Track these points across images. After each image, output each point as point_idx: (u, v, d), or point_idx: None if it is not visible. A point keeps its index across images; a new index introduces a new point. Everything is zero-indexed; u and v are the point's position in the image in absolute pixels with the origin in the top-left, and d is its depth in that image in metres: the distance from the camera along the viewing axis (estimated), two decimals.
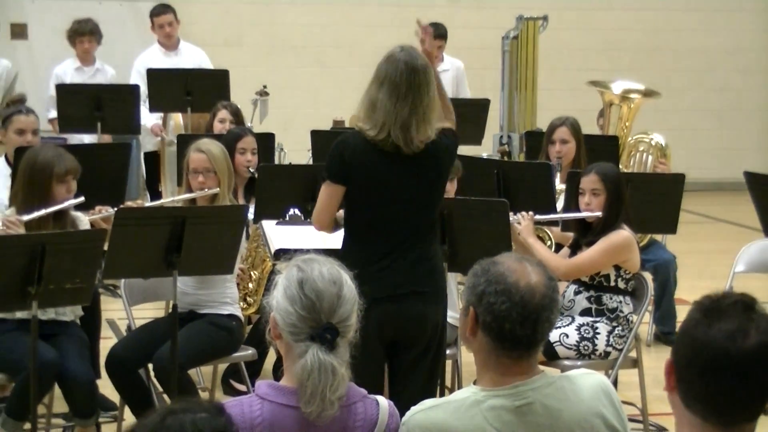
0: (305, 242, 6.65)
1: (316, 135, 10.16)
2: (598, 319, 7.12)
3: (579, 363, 6.93)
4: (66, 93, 11.43)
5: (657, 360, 7.80)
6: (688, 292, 9.70)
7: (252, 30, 16.20)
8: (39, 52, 15.10)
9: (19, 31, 15.68)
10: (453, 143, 5.99)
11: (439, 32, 12.94)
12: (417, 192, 5.75)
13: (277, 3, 16.39)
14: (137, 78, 12.17)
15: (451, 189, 7.65)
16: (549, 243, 7.78)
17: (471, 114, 11.31)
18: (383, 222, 5.73)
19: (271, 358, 7.89)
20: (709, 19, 17.51)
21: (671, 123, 12.56)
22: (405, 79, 5.66)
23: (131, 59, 12.82)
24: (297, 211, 7.45)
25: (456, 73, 13.19)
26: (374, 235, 5.74)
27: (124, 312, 7.39)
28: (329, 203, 5.80)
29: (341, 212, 5.88)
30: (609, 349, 7.08)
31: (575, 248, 7.28)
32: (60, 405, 7.06)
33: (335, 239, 6.04)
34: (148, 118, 11.85)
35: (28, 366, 6.27)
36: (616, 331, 7.10)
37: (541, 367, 3.76)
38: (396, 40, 6.12)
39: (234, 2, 16.23)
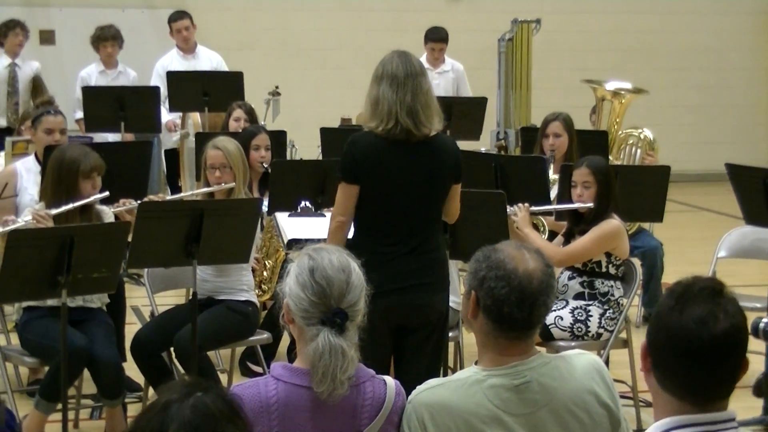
0: (316, 233, 6.65)
1: (324, 132, 10.17)
2: (590, 302, 7.12)
3: (573, 344, 6.93)
4: (91, 95, 11.44)
5: None
6: (674, 276, 9.63)
7: (264, 35, 16.19)
8: (66, 57, 15.09)
9: (47, 37, 15.67)
10: (455, 144, 5.99)
11: (440, 36, 12.97)
12: (424, 181, 5.74)
13: (287, 10, 16.38)
14: (157, 80, 12.18)
15: None
16: (543, 230, 7.78)
17: (470, 111, 11.32)
18: (391, 214, 5.72)
19: (285, 341, 7.89)
20: (691, 22, 17.49)
21: (656, 119, 12.54)
22: (402, 69, 5.67)
23: (152, 62, 12.81)
24: (308, 204, 7.46)
25: (456, 74, 13.17)
26: (382, 226, 5.74)
27: (148, 299, 7.40)
28: (346, 202, 5.79)
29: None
30: (601, 330, 7.08)
31: (569, 236, 7.28)
32: (89, 386, 7.06)
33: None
34: (168, 118, 11.86)
35: (59, 351, 6.27)
36: (607, 314, 7.10)
37: (538, 348, 3.76)
38: (397, 43, 6.13)
39: (248, 9, 16.21)
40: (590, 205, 7.14)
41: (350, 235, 5.87)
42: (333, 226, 5.84)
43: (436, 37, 12.97)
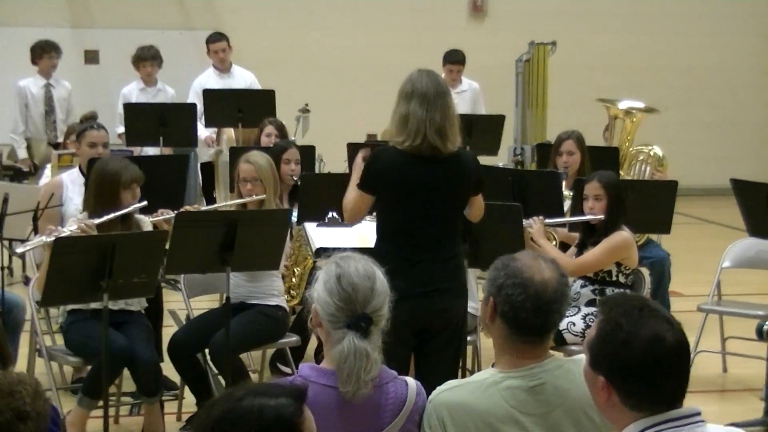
0: (343, 242, 6.67)
1: (351, 147, 10.16)
2: None
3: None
4: (132, 111, 11.48)
5: None
6: (681, 285, 9.70)
7: (295, 55, 16.22)
8: (109, 75, 15.15)
9: (91, 57, 15.75)
10: (476, 159, 6.00)
11: (457, 58, 13.00)
12: (444, 194, 5.74)
13: (316, 31, 16.41)
14: (194, 97, 12.22)
15: None
16: (555, 243, 7.78)
17: (488, 128, 11.31)
18: (413, 224, 5.73)
19: (312, 344, 7.90)
20: (701, 43, 17.44)
21: (667, 136, 12.50)
22: (431, 88, 5.68)
23: (189, 81, 12.86)
24: (335, 215, 7.46)
25: (473, 94, 13.20)
26: (404, 236, 5.74)
27: (184, 303, 7.43)
28: (359, 207, 5.85)
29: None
30: None
31: (581, 247, 7.28)
32: (128, 385, 7.09)
33: (370, 239, 6.06)
34: (204, 133, 11.90)
35: (101, 351, 6.30)
36: None
37: (552, 352, 3.76)
38: (419, 61, 6.14)
39: (279, 30, 16.25)
40: (601, 217, 7.14)
41: (373, 243, 5.89)
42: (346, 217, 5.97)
43: (454, 59, 13.01)
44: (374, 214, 6.02)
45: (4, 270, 7.44)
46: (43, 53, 12.70)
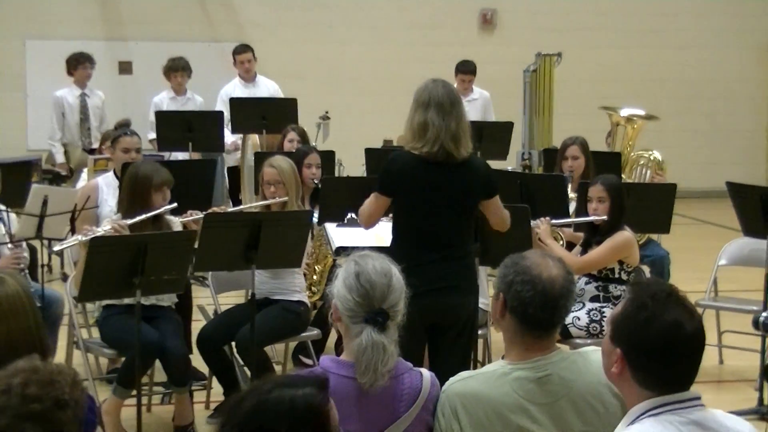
0: (361, 241, 6.65)
1: (369, 152, 10.17)
2: (604, 304, 7.10)
3: (589, 341, 6.91)
4: (163, 118, 11.50)
5: None
6: (680, 282, 9.61)
7: (316, 66, 16.24)
8: (141, 85, 15.19)
9: (125, 68, 15.79)
10: (486, 165, 6.00)
11: (469, 68, 13.02)
12: (456, 197, 5.74)
13: (335, 43, 16.42)
14: (221, 105, 12.23)
15: None
16: (561, 242, 7.77)
17: (498, 134, 11.31)
18: (426, 226, 5.72)
19: (332, 337, 7.90)
20: (698, 56, 17.43)
21: (666, 142, 12.49)
22: (447, 98, 5.68)
23: (216, 90, 12.88)
24: (354, 216, 7.46)
25: (483, 102, 13.22)
26: (418, 236, 5.73)
27: (211, 299, 7.44)
28: (376, 210, 5.84)
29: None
30: None
31: (586, 246, 7.27)
32: (160, 375, 7.09)
33: (386, 239, 6.05)
34: (230, 139, 11.91)
35: (134, 344, 6.31)
36: None
37: (558, 345, 3.76)
38: (432, 73, 6.13)
39: (301, 43, 16.27)
40: (604, 218, 7.13)
41: (389, 243, 5.88)
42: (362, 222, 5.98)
43: (466, 69, 13.04)
44: (390, 215, 6.01)
45: (43, 267, 7.45)
46: (78, 64, 12.74)
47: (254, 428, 2.56)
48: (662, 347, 2.95)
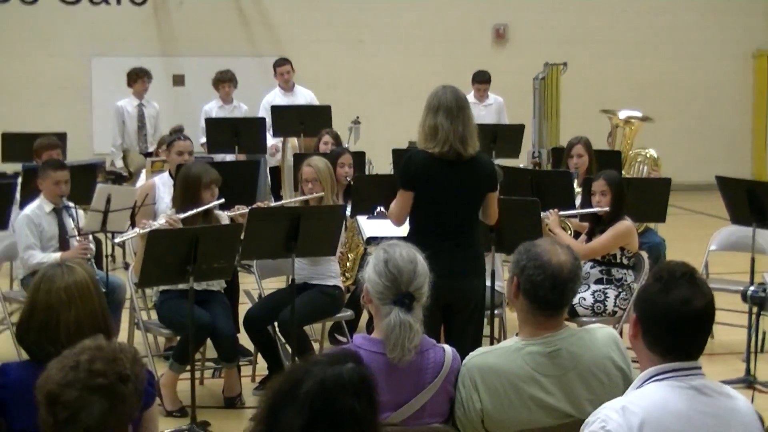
0: (389, 232, 6.64)
1: (395, 152, 10.16)
2: (607, 286, 7.07)
3: (594, 319, 6.88)
4: (212, 124, 11.53)
5: None
6: None
7: (348, 76, 16.23)
8: (193, 95, 15.20)
9: (178, 80, 15.81)
10: (491, 161, 5.98)
11: (483, 78, 13.05)
12: (465, 192, 5.71)
13: (365, 56, 16.41)
14: (263, 112, 12.24)
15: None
16: (569, 232, 7.74)
17: (511, 135, 11.30)
18: (439, 217, 5.69)
19: (364, 317, 7.89)
20: (689, 64, 17.33)
21: (661, 141, 12.40)
22: (454, 103, 5.65)
23: (259, 98, 12.88)
24: (382, 209, 7.44)
25: (497, 107, 13.21)
26: (433, 226, 5.69)
27: (256, 284, 7.44)
28: (403, 205, 5.78)
29: None
30: (616, 309, 7.02)
31: (590, 235, 7.24)
32: (211, 352, 7.10)
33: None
34: (272, 142, 11.92)
35: (188, 324, 6.32)
36: (621, 296, 7.05)
37: (566, 323, 3.74)
38: (452, 81, 6.10)
39: (334, 56, 16.26)
40: (607, 209, 7.10)
41: (406, 234, 5.85)
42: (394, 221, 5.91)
43: (481, 79, 13.06)
44: None
45: (107, 257, 7.49)
46: (137, 78, 12.79)
47: (323, 404, 2.53)
48: (668, 317, 2.95)
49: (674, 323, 2.94)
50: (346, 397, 2.54)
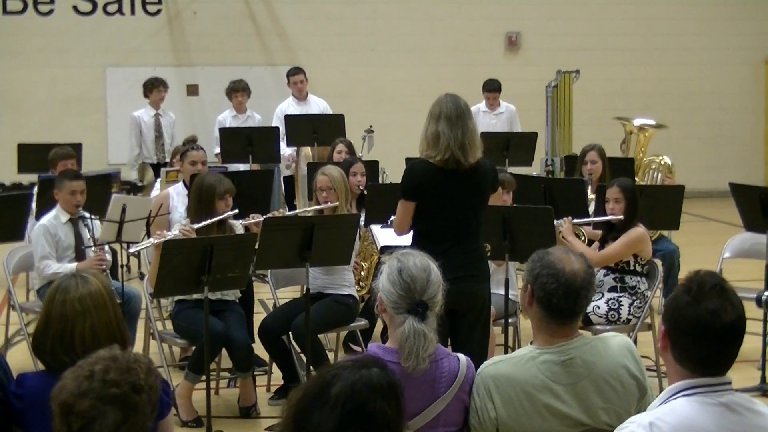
0: (403, 241, 6.63)
1: (408, 161, 10.13)
2: (621, 294, 7.04)
3: (608, 327, 6.86)
4: (226, 134, 11.54)
5: None
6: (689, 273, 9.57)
7: (361, 85, 16.25)
8: (206, 105, 15.26)
9: (192, 90, 15.86)
10: (492, 165, 5.98)
11: (493, 87, 13.05)
12: (469, 199, 5.72)
13: (378, 65, 16.43)
14: (277, 121, 12.26)
15: (507, 199, 7.63)
16: (583, 239, 7.71)
17: (524, 143, 11.28)
18: (443, 223, 5.70)
19: (378, 326, 7.87)
20: (700, 71, 17.33)
21: (674, 148, 12.37)
22: (454, 111, 5.65)
23: (273, 108, 12.91)
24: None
25: (509, 115, 13.20)
26: (437, 233, 5.69)
27: (271, 293, 7.44)
28: (405, 215, 5.78)
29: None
30: (630, 317, 7.00)
31: (603, 242, 7.21)
32: (226, 362, 7.11)
33: None
34: (286, 151, 11.93)
35: (203, 334, 6.32)
36: (635, 303, 7.02)
37: (580, 331, 3.73)
38: (464, 90, 6.11)
39: (347, 65, 16.28)
40: (620, 217, 7.08)
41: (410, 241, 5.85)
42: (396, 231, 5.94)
43: (490, 87, 13.07)
44: None
45: (123, 267, 7.49)
46: (154, 88, 12.81)
47: (354, 406, 2.52)
48: (696, 330, 2.90)
49: (703, 336, 2.89)
50: (377, 400, 2.54)
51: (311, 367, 6.52)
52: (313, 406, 2.53)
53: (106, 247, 7.48)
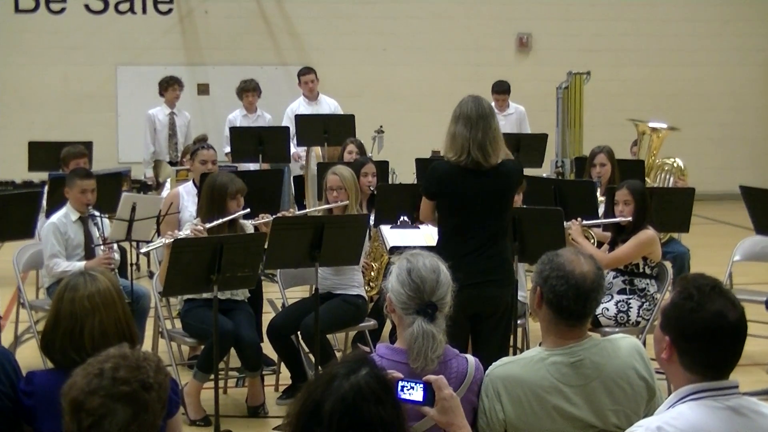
0: (412, 241, 6.65)
1: (419, 162, 10.16)
2: (631, 296, 7.04)
3: (617, 329, 6.85)
4: (236, 133, 11.54)
5: None
6: None
7: (372, 85, 16.26)
8: (217, 104, 15.28)
9: (203, 89, 15.88)
10: (518, 165, 5.97)
11: (501, 89, 13.06)
12: (492, 201, 5.70)
13: (388, 65, 16.43)
14: (288, 121, 12.26)
15: (517, 200, 7.62)
16: (592, 241, 7.70)
17: (534, 145, 11.26)
18: (467, 226, 5.69)
19: (387, 327, 7.87)
20: (713, 72, 17.30)
21: (685, 150, 12.35)
22: (474, 111, 5.65)
23: (283, 107, 12.91)
24: (406, 218, 7.45)
25: (518, 116, 13.19)
26: (461, 236, 5.70)
27: (280, 293, 7.45)
28: (428, 210, 5.83)
29: None
30: (639, 319, 6.99)
31: (613, 244, 7.20)
32: (235, 361, 7.11)
33: (435, 239, 6.02)
34: (294, 150, 11.94)
35: (212, 333, 6.33)
36: (644, 306, 7.01)
37: (589, 333, 3.73)
38: (476, 90, 6.11)
39: (358, 65, 16.29)
40: (629, 219, 7.07)
41: (435, 243, 5.87)
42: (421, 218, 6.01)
43: (499, 89, 13.07)
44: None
45: (132, 266, 7.50)
46: (169, 86, 12.81)
47: (349, 420, 2.52)
48: (706, 334, 2.90)
49: (714, 338, 2.89)
50: (370, 407, 2.54)
51: (319, 368, 6.53)
52: (309, 426, 2.53)
53: (114, 246, 7.49)
